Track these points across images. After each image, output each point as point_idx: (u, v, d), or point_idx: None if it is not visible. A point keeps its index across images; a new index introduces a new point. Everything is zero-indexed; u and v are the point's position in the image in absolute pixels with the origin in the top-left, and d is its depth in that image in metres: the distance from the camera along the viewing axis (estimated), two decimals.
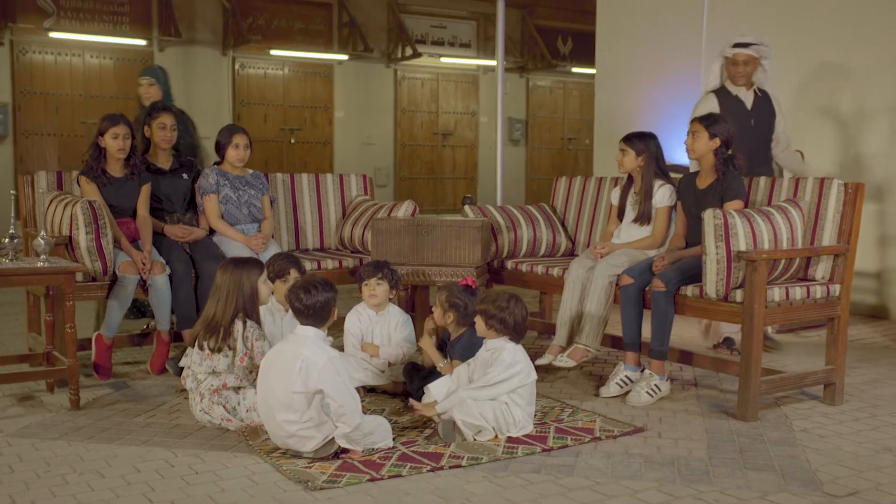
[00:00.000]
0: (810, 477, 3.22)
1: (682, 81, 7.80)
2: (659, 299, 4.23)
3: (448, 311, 4.15)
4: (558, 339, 4.55)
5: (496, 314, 3.69)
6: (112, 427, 3.78)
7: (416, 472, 3.23)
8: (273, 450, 3.43)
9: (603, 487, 3.11)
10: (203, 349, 3.77)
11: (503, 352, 3.67)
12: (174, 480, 3.15)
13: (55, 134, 12.10)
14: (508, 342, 3.71)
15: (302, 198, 5.76)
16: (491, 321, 3.70)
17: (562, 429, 3.76)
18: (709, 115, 4.51)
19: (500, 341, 3.71)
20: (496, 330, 3.70)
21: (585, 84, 14.97)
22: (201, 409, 3.79)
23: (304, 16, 13.55)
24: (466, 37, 14.93)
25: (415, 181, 14.72)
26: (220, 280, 3.86)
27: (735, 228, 3.96)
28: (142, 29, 12.41)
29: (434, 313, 4.23)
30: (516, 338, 3.74)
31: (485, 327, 3.73)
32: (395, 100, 14.44)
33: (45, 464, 3.31)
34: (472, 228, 4.85)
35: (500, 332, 3.71)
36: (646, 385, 4.25)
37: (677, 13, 7.88)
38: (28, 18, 11.67)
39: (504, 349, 3.68)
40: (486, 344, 3.78)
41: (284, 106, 13.56)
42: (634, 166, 4.75)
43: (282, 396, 3.30)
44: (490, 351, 3.73)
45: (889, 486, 3.14)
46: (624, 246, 4.66)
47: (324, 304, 3.41)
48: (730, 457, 3.45)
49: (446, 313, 4.15)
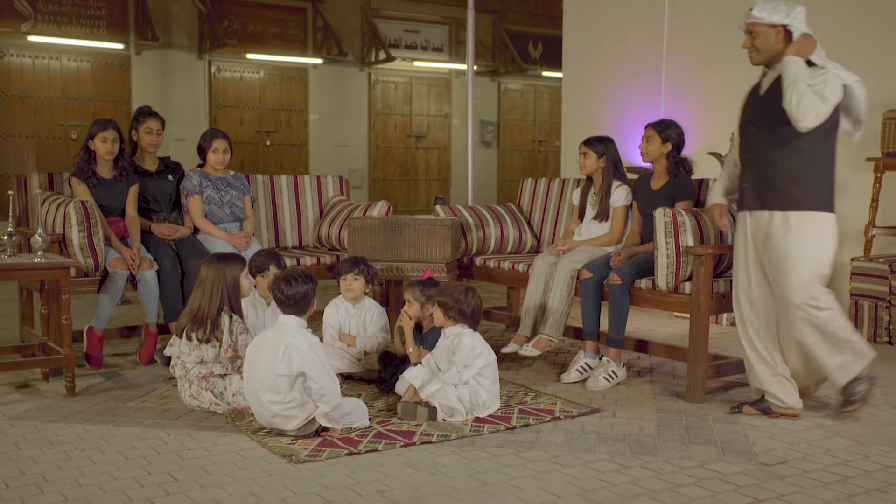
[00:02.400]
0: (747, 449, 3.57)
1: (643, 87, 8.17)
2: (615, 292, 4.57)
3: (426, 304, 4.46)
4: (523, 330, 4.88)
5: (454, 305, 4.04)
6: (107, 411, 4.06)
7: (390, 447, 3.54)
8: (259, 429, 3.74)
9: (560, 459, 3.43)
10: (191, 340, 4.06)
11: (462, 338, 4.02)
12: (169, 455, 3.44)
13: (33, 136, 12.27)
14: (465, 329, 4.06)
15: (281, 198, 6.06)
16: (449, 312, 4.06)
17: (525, 410, 4.09)
18: (661, 120, 4.85)
19: (458, 328, 4.06)
20: (454, 319, 4.06)
21: (556, 88, 15.33)
22: (190, 395, 4.08)
23: (280, 20, 13.81)
24: (439, 41, 15.24)
25: (389, 182, 15.02)
26: (204, 274, 4.15)
27: (684, 226, 4.31)
28: (119, 32, 12.61)
29: (410, 308, 4.53)
30: (474, 325, 4.10)
31: (443, 317, 4.08)
32: (369, 103, 14.74)
33: (48, 442, 3.58)
34: (443, 227, 5.17)
35: (458, 321, 4.06)
36: (603, 371, 4.58)
37: (639, 22, 8.24)
38: (6, 22, 11.85)
39: (462, 335, 4.04)
40: (444, 332, 4.11)
41: (260, 109, 13.82)
42: (595, 168, 5.09)
43: (267, 379, 3.60)
44: (450, 338, 4.07)
45: (815, 455, 3.50)
46: (584, 243, 5.00)
47: (304, 295, 3.71)
48: (676, 433, 3.79)
49: (423, 307, 4.46)
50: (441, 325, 4.12)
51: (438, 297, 4.11)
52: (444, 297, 4.08)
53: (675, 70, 7.92)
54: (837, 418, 4.01)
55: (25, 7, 11.98)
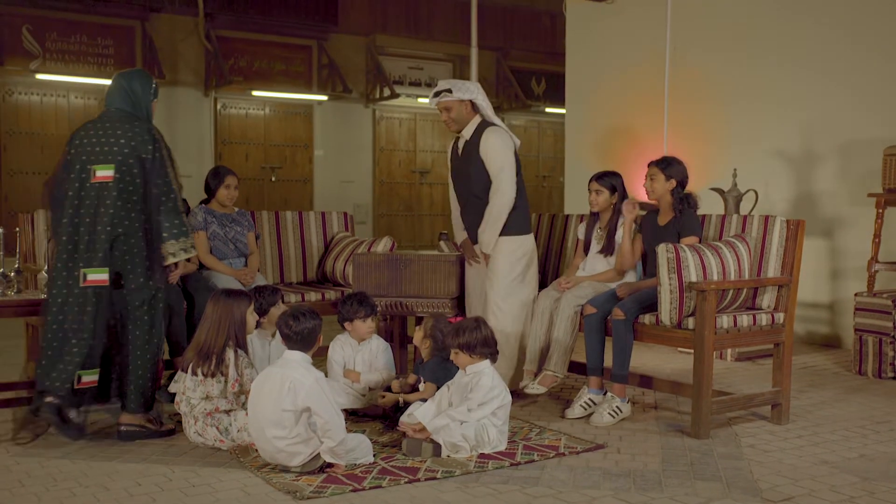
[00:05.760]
0: (751, 485, 3.56)
1: (646, 123, 8.24)
2: (619, 327, 4.58)
3: (427, 338, 4.49)
4: (528, 365, 4.89)
5: (476, 341, 4.04)
6: (112, 447, 4.06)
7: (394, 483, 3.54)
8: (263, 465, 3.74)
9: (564, 495, 3.43)
10: (197, 374, 4.07)
11: (482, 377, 4.01)
12: (173, 493, 3.44)
13: (40, 173, 12.34)
14: (488, 367, 4.06)
15: (286, 234, 6.10)
16: (474, 350, 4.04)
17: (529, 446, 4.08)
18: (663, 158, 4.89)
19: (481, 366, 4.05)
20: (480, 354, 4.05)
21: (559, 123, 15.40)
22: (195, 432, 4.08)
23: (285, 58, 13.94)
24: (443, 78, 15.34)
25: (393, 218, 15.07)
26: (210, 310, 4.18)
27: (686, 261, 4.33)
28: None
29: (416, 335, 4.59)
30: (495, 353, 4.10)
31: (469, 358, 4.06)
32: (374, 139, 14.84)
33: (53, 479, 3.59)
34: (447, 262, 5.19)
35: (483, 356, 4.05)
36: (608, 407, 4.58)
37: (642, 59, 8.33)
38: (15, 60, 11.99)
39: (483, 374, 4.03)
40: (466, 369, 4.10)
41: (265, 145, 13.91)
42: (608, 205, 5.11)
43: (271, 414, 3.60)
44: (471, 375, 4.06)
45: (821, 492, 3.49)
46: (588, 278, 5.02)
47: (311, 331, 3.74)
48: (681, 469, 3.78)
49: (425, 338, 4.49)
50: (466, 365, 4.09)
51: (458, 341, 4.06)
52: (462, 337, 4.05)
53: (678, 105, 7.99)
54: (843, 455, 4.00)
55: (34, 46, 12.13)
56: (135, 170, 4.14)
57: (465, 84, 5.03)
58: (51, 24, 12.23)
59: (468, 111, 5.03)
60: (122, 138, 4.16)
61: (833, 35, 6.95)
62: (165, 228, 4.19)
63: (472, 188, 5.05)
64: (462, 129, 5.06)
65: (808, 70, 7.09)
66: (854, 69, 6.82)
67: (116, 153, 4.14)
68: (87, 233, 4.10)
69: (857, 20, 6.82)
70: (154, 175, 4.15)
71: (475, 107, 5.05)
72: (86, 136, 4.23)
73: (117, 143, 4.16)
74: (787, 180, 7.23)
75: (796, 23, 7.19)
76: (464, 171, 5.10)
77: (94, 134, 4.22)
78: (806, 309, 7.04)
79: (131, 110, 4.30)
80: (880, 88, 6.66)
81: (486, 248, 5.03)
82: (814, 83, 7.06)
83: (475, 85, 5.07)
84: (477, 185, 5.01)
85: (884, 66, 6.64)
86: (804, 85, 7.12)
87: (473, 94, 5.00)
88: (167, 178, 4.20)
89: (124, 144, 4.15)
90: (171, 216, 4.20)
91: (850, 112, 6.83)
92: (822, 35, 7.03)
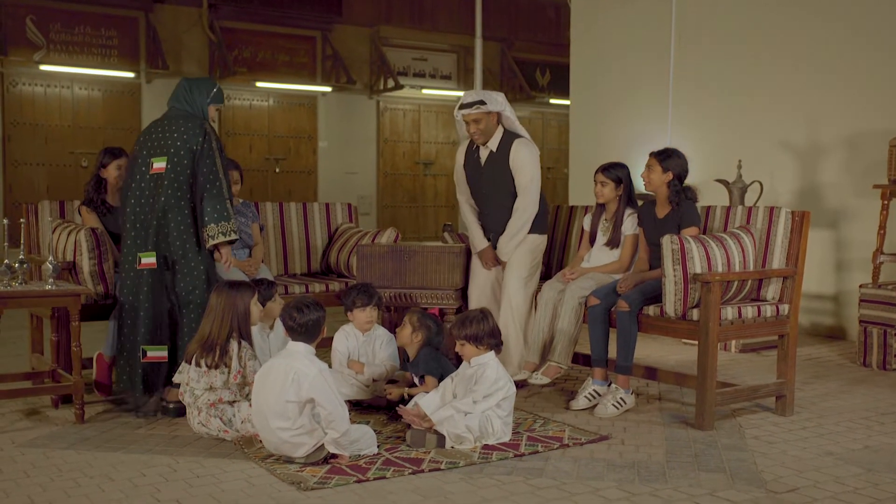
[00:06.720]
0: (756, 476, 3.56)
1: (650, 114, 8.21)
2: (623, 318, 4.57)
3: (418, 331, 4.48)
4: (531, 356, 4.88)
5: (484, 332, 4.04)
6: (116, 438, 4.07)
7: (398, 474, 3.54)
8: (267, 456, 3.74)
9: (568, 486, 3.43)
10: (200, 366, 4.07)
11: (487, 368, 4.02)
12: (178, 483, 3.44)
13: (44, 164, 12.37)
14: (492, 358, 4.06)
15: (290, 225, 6.09)
16: (482, 341, 4.05)
17: (533, 437, 4.08)
18: (663, 150, 4.86)
19: (486, 357, 4.06)
20: (487, 345, 4.06)
21: (563, 115, 15.35)
22: (199, 422, 4.09)
23: (289, 49, 13.93)
24: (447, 69, 15.35)
25: (397, 209, 15.07)
26: (214, 301, 4.18)
27: (691, 253, 4.31)
28: (129, 61, 12.75)
29: (402, 334, 4.56)
30: (500, 344, 4.12)
31: (475, 349, 4.06)
32: (378, 130, 14.83)
33: (57, 470, 3.59)
34: (451, 254, 5.19)
35: (490, 347, 4.06)
36: (612, 398, 4.58)
37: (646, 49, 8.30)
38: (18, 52, 12.00)
39: (488, 366, 4.03)
40: (471, 361, 4.10)
41: (269, 136, 13.92)
42: (613, 196, 5.10)
43: (275, 405, 3.60)
44: (475, 367, 4.06)
45: (825, 483, 3.48)
46: (592, 270, 5.01)
47: (315, 323, 3.73)
48: (685, 460, 3.78)
49: (415, 332, 4.48)
50: (471, 356, 4.09)
51: (464, 332, 4.07)
52: (469, 329, 4.06)
53: (682, 96, 7.97)
54: (847, 446, 3.99)
55: (38, 37, 12.13)
56: (185, 161, 4.48)
57: (494, 96, 5.12)
58: (55, 14, 12.23)
59: (495, 123, 5.15)
60: (176, 132, 4.52)
61: (839, 26, 6.93)
62: (207, 213, 4.48)
63: (497, 198, 5.19)
64: (488, 140, 5.15)
65: (813, 61, 7.07)
66: (859, 60, 6.79)
67: (170, 146, 4.50)
68: (144, 220, 4.51)
69: (862, 12, 6.79)
70: (202, 164, 4.48)
71: (500, 118, 5.18)
72: (149, 132, 4.64)
73: (171, 137, 4.52)
74: (792, 172, 7.21)
75: (802, 14, 7.16)
76: (487, 181, 5.21)
77: (154, 130, 4.62)
78: (811, 300, 7.02)
79: (190, 110, 4.64)
80: (886, 80, 6.64)
81: (505, 257, 5.14)
82: (819, 74, 7.03)
83: (502, 96, 5.18)
84: (503, 195, 5.17)
85: (889, 57, 6.61)
86: (809, 76, 7.09)
87: (502, 106, 5.12)
88: (214, 168, 4.50)
89: (177, 138, 4.50)
90: (214, 201, 4.48)
91: (855, 103, 6.81)
92: (827, 26, 7.00)
